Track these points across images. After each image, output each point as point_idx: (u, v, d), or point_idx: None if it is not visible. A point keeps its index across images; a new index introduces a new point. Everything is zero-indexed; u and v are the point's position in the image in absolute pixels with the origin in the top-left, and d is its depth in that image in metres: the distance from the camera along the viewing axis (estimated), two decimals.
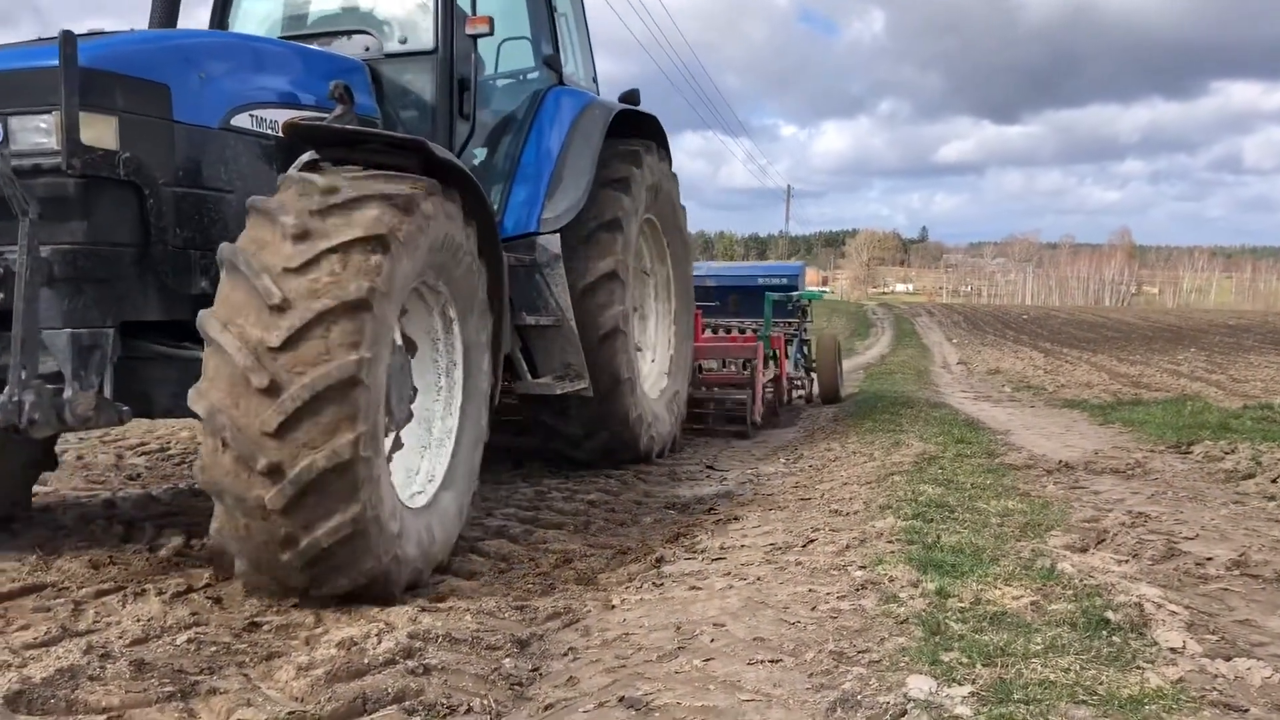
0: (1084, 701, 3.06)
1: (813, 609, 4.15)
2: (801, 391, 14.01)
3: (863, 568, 4.66)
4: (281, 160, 4.95)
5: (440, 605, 4.25)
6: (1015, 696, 3.08)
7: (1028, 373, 19.76)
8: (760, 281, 14.12)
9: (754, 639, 3.82)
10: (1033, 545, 5.05)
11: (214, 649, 3.66)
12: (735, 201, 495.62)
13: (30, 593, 4.27)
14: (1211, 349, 28.32)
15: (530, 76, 7.72)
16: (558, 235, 6.96)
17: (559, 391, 6.74)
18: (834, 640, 3.72)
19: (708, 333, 12.95)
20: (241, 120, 4.96)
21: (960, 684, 3.21)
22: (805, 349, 14.21)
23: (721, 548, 5.37)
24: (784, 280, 14.16)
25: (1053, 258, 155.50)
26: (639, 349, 8.49)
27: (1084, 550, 5.05)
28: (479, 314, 5.06)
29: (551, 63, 7.68)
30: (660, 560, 5.13)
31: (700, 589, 4.57)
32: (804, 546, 5.20)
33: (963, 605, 4.04)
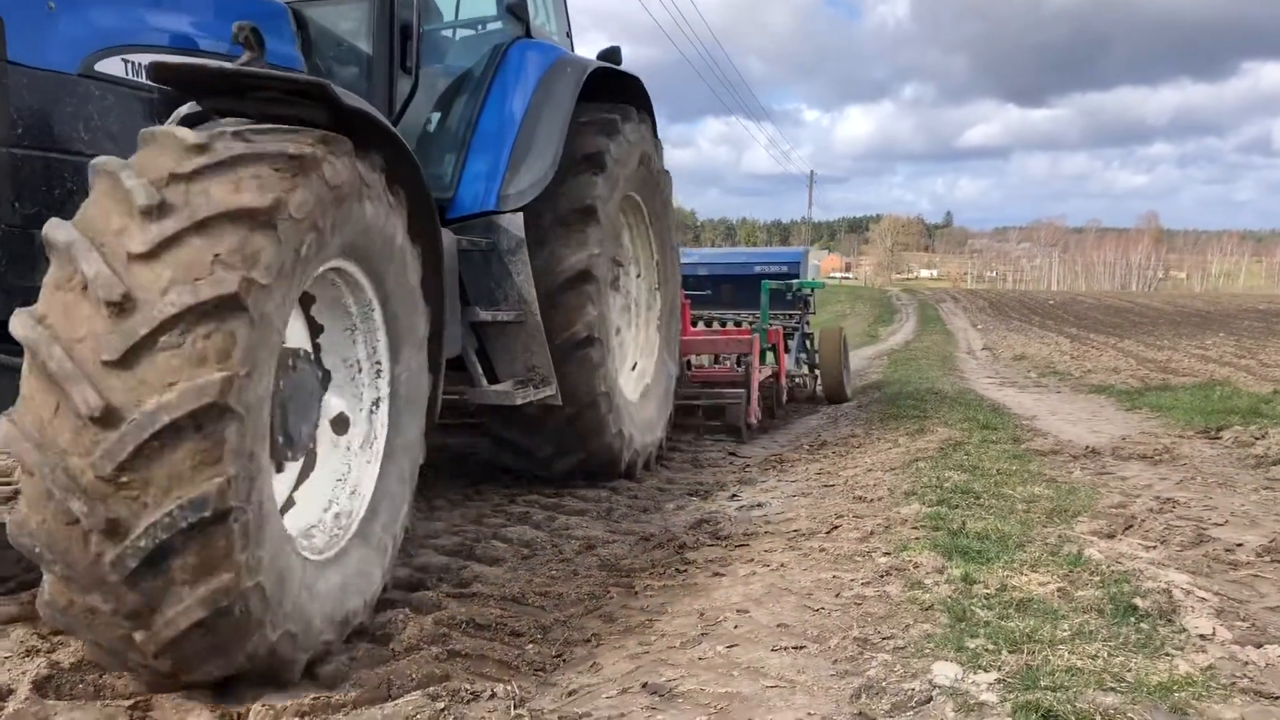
0: (1112, 689, 3.03)
1: (837, 595, 4.14)
2: (804, 386, 12.75)
3: (887, 554, 4.64)
4: (163, 116, 3.90)
5: (465, 591, 4.26)
6: (1042, 683, 3.06)
7: (1053, 358, 19.60)
8: (757, 269, 12.82)
9: (777, 625, 3.82)
10: (1059, 531, 5.02)
11: None
12: (758, 187, 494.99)
13: None
14: (1241, 334, 28.00)
15: (491, 27, 6.77)
16: (521, 215, 5.84)
17: (519, 401, 5.59)
18: (858, 627, 3.71)
19: (699, 325, 11.93)
20: (110, 65, 3.87)
21: (986, 670, 3.19)
22: (807, 343, 12.87)
23: (745, 534, 5.36)
24: (783, 268, 12.83)
25: (1079, 242, 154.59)
26: (617, 328, 7.34)
27: (1111, 536, 5.01)
28: (410, 305, 3.99)
29: (516, 10, 6.53)
30: (683, 547, 5.13)
31: (723, 575, 4.57)
32: (828, 533, 5.18)
33: (988, 592, 4.02)
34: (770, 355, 10.84)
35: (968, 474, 6.53)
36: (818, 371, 12.60)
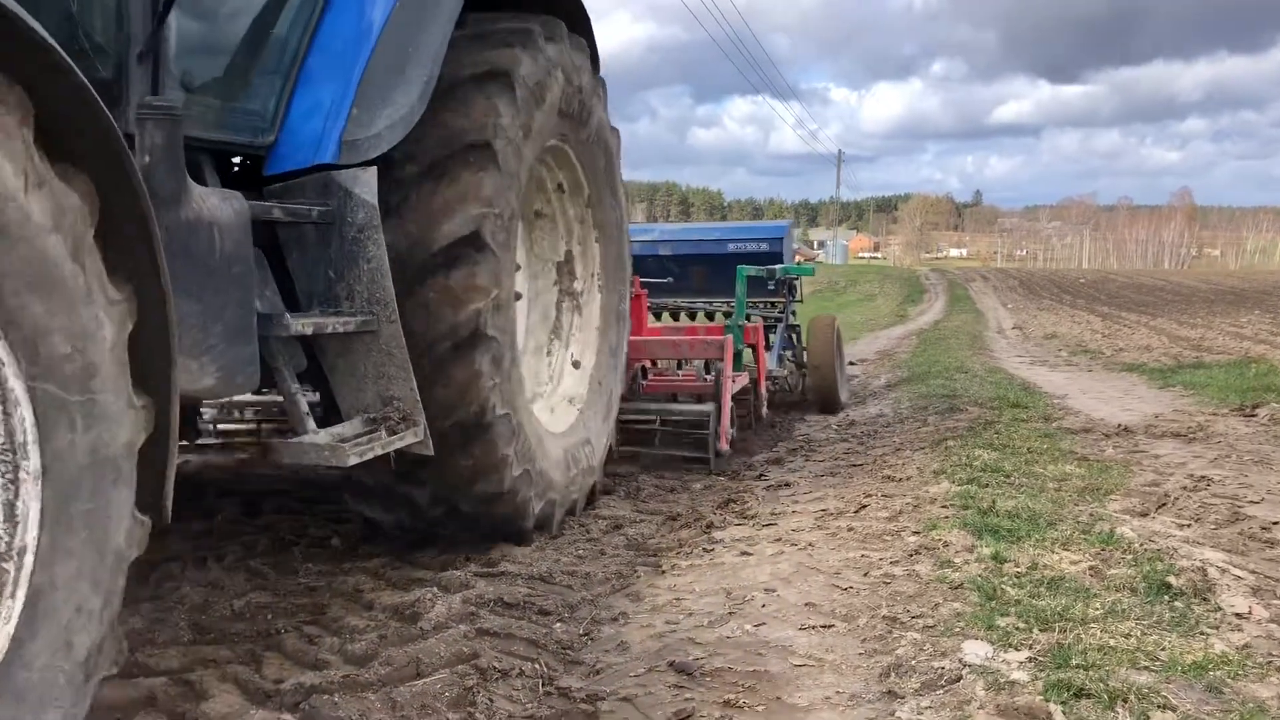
0: (1146, 667, 3.00)
1: (865, 574, 4.12)
2: (788, 389, 10.37)
3: (916, 533, 4.61)
4: None
5: (492, 570, 4.27)
6: (1074, 662, 3.03)
7: (1085, 337, 19.40)
8: (731, 248, 10.39)
9: (805, 604, 3.80)
10: (1091, 509, 4.97)
11: (271, 614, 3.72)
12: (785, 168, 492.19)
13: None
14: (1277, 311, 27.59)
15: None
16: (373, 172, 3.86)
17: (352, 460, 3.55)
18: (887, 605, 3.69)
19: (663, 320, 10.14)
20: None
21: (1017, 649, 3.17)
22: (793, 338, 10.52)
23: (772, 513, 5.34)
24: (763, 246, 10.36)
25: (1110, 220, 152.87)
26: (544, 342, 5.64)
27: (1144, 514, 4.95)
28: (72, 328, 2.04)
29: None
30: (710, 526, 5.12)
31: (751, 555, 4.55)
32: (856, 512, 5.16)
33: (1019, 570, 3.98)
34: (749, 355, 8.57)
35: (998, 452, 6.48)
36: (804, 372, 10.28)
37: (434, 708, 2.88)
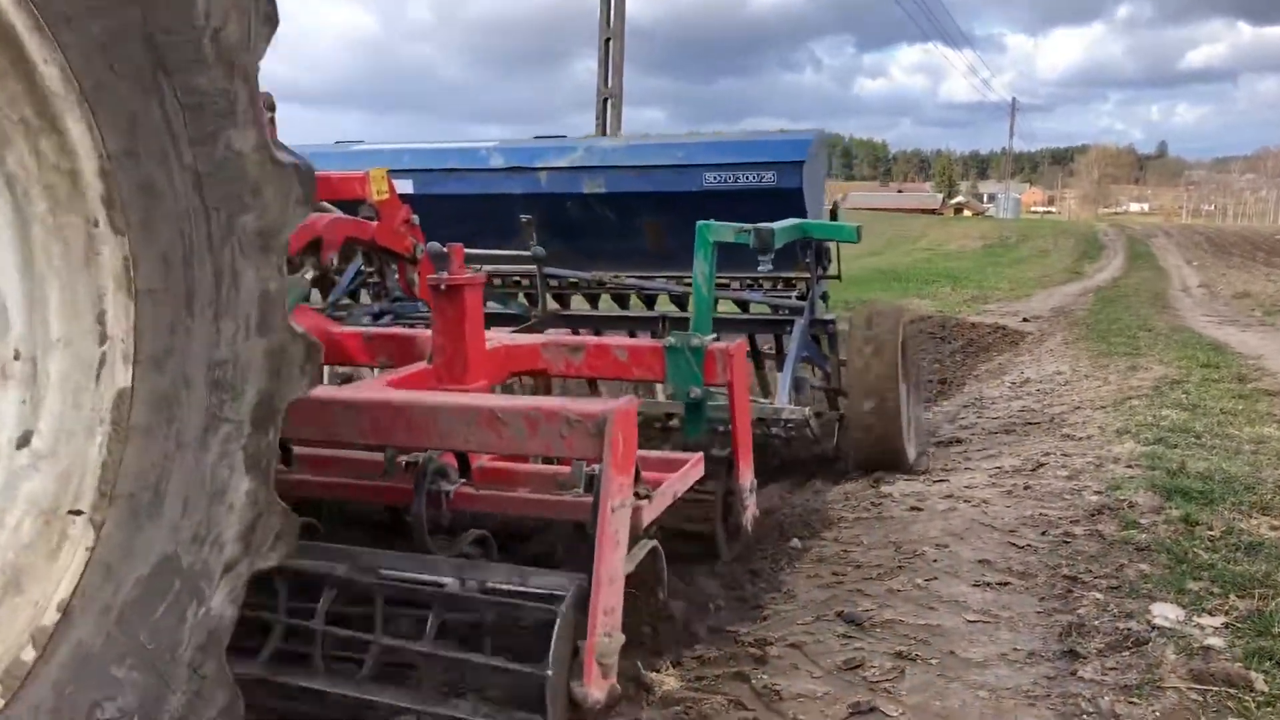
0: None
1: (1043, 533, 3.97)
2: (808, 433, 5.05)
3: (1098, 493, 4.42)
4: None
5: None
6: (1275, 630, 2.85)
7: None
8: (710, 181, 5.64)
9: (979, 561, 3.70)
10: None
11: None
12: (956, 118, 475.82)
13: None
14: None
15: None
16: None
17: None
18: (1067, 565, 3.55)
19: (607, 304, 6.36)
20: None
21: (1212, 614, 3.00)
22: (825, 344, 5.63)
23: (943, 469, 5.20)
24: (766, 178, 5.56)
25: None
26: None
27: None
28: None
29: None
30: (878, 481, 5.02)
31: (921, 510, 4.45)
32: (1033, 470, 4.97)
33: (1212, 534, 3.77)
34: (716, 400, 3.82)
35: (1187, 413, 6.13)
36: (842, 412, 5.54)
37: None
